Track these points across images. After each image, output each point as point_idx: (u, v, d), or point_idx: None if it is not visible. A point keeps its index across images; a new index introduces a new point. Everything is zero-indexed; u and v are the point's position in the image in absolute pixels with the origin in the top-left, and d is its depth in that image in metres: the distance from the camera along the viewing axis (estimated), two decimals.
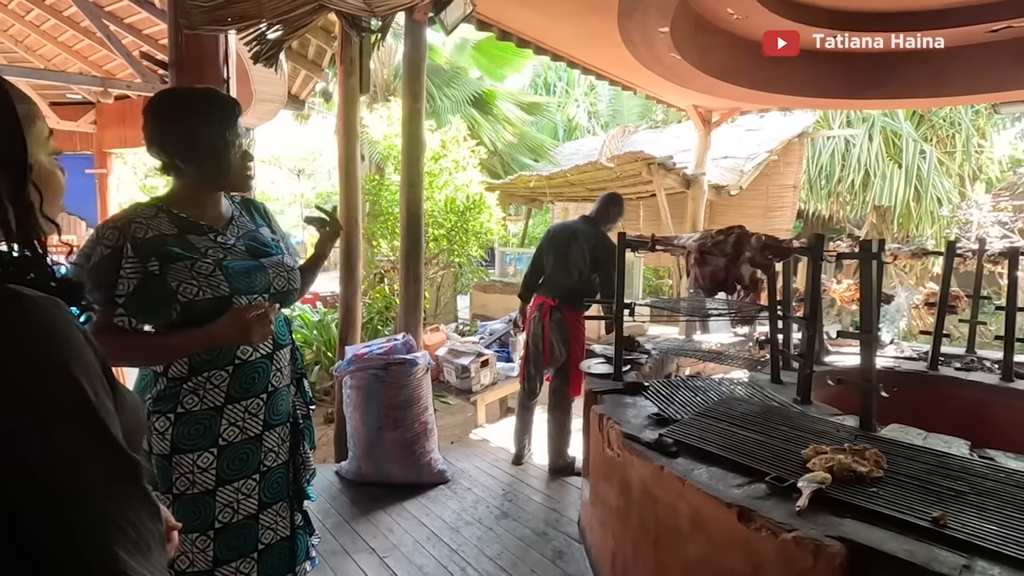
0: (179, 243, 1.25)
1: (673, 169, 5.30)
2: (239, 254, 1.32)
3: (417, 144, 3.21)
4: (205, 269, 1.24)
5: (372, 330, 4.93)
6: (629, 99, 11.21)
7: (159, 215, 1.27)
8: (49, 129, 0.68)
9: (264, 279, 1.33)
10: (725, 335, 3.78)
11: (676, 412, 2.00)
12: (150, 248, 1.21)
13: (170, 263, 1.22)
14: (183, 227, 1.28)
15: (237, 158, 1.31)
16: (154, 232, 1.24)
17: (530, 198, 7.82)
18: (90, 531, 0.49)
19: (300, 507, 1.46)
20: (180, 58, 2.90)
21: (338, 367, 2.82)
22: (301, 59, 5.61)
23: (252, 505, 1.33)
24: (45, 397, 0.50)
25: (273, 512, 1.38)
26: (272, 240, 1.42)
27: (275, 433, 1.38)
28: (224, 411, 1.29)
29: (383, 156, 5.40)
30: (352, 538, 2.40)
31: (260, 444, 1.35)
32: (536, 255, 3.26)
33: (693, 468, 1.58)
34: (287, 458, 1.42)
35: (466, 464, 3.17)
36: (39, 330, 0.51)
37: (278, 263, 1.38)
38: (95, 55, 7.64)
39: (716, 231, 2.23)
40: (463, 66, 9.00)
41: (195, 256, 1.24)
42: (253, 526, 1.34)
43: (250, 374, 1.32)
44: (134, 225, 1.23)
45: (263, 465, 1.35)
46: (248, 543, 1.33)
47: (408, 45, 3.18)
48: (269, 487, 1.37)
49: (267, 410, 1.36)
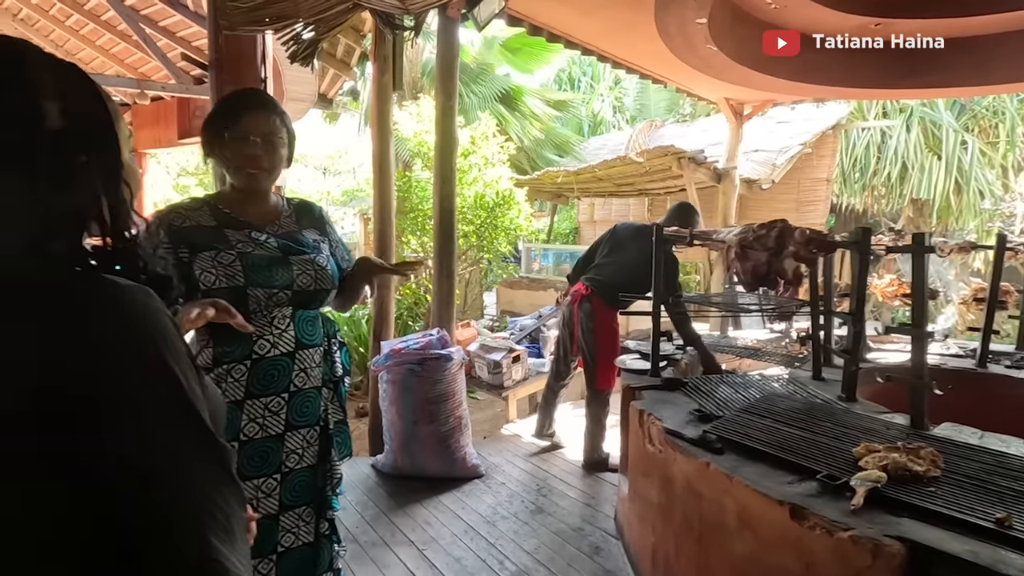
0: (212, 234, 1.30)
1: (704, 163, 5.23)
2: (269, 250, 1.34)
3: (450, 140, 3.23)
4: (226, 259, 1.28)
5: (402, 325, 4.97)
6: (656, 93, 11.07)
7: (203, 208, 1.34)
8: (129, 129, 0.70)
9: (287, 275, 1.34)
10: (759, 331, 3.72)
11: (717, 408, 1.97)
12: (183, 236, 1.28)
13: (198, 252, 1.27)
14: (222, 221, 1.34)
15: (243, 158, 1.33)
16: (192, 223, 1.30)
17: (556, 194, 7.79)
18: (185, 518, 0.50)
19: (325, 515, 1.44)
20: (219, 58, 2.95)
21: (375, 361, 2.85)
22: (330, 58, 5.67)
23: (272, 505, 1.33)
24: (141, 385, 0.51)
25: (295, 516, 1.37)
26: (313, 241, 1.42)
27: (299, 435, 1.37)
28: (244, 406, 1.31)
29: (413, 153, 5.44)
30: (391, 530, 2.44)
31: (282, 444, 1.34)
32: (593, 244, 3.30)
33: (739, 465, 1.56)
34: (313, 462, 1.40)
35: (499, 459, 3.18)
36: (135, 319, 0.53)
37: (307, 261, 1.37)
38: (131, 58, 7.85)
39: (758, 225, 2.19)
40: (490, 63, 9.01)
41: (221, 247, 1.28)
42: (273, 527, 1.34)
43: (268, 371, 1.33)
44: (173, 214, 1.31)
45: (284, 466, 1.35)
46: (267, 543, 1.33)
47: (441, 42, 3.19)
48: (291, 489, 1.36)
49: (290, 410, 1.35)
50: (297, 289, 1.35)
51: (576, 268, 3.31)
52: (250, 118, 1.32)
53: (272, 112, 1.36)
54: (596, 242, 3.29)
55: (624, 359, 2.68)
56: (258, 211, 1.38)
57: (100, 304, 0.52)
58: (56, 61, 0.58)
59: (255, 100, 1.37)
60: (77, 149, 0.56)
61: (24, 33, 7.45)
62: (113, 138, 0.60)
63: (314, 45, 3.06)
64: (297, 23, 3.01)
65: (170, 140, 8.75)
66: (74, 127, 0.56)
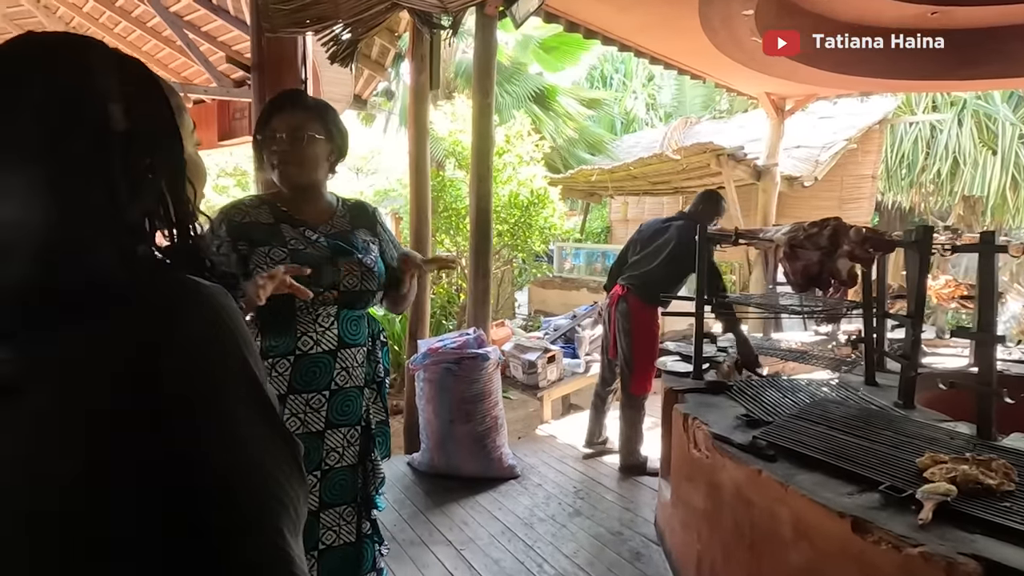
0: (269, 231, 1.34)
1: (743, 160, 5.09)
2: (320, 249, 1.35)
3: (487, 139, 3.22)
4: (277, 256, 1.31)
5: (436, 324, 5.00)
6: (692, 89, 10.86)
7: (262, 206, 1.39)
8: (193, 122, 0.70)
9: (333, 275, 1.35)
10: (802, 333, 3.61)
11: (766, 413, 1.91)
12: (242, 231, 1.33)
13: (255, 247, 1.32)
14: (279, 218, 1.38)
15: (272, 156, 1.36)
16: (251, 219, 1.36)
17: (589, 192, 7.71)
18: (264, 515, 0.50)
19: (368, 515, 1.44)
20: (261, 60, 3.01)
21: (413, 360, 2.86)
22: (365, 59, 5.72)
23: (312, 502, 1.34)
24: (228, 384, 0.51)
25: (335, 514, 1.38)
26: (363, 242, 1.43)
27: (339, 433, 1.38)
28: (287, 401, 1.33)
29: (447, 152, 5.46)
30: (428, 529, 2.44)
31: (322, 442, 1.35)
32: (625, 245, 3.26)
33: (793, 473, 1.49)
34: (354, 462, 1.41)
35: (534, 460, 3.16)
36: (218, 318, 0.53)
37: (354, 262, 1.38)
38: (174, 63, 8.11)
39: (809, 223, 2.11)
40: (523, 62, 8.98)
41: (275, 243, 1.32)
42: (313, 524, 1.34)
43: (310, 368, 1.34)
44: (235, 210, 1.37)
45: (325, 464, 1.36)
46: (308, 540, 1.33)
47: (478, 41, 3.18)
48: (331, 487, 1.37)
49: (330, 408, 1.36)
50: (343, 289, 1.36)
51: (611, 272, 3.27)
52: (278, 117, 1.35)
53: (300, 108, 1.37)
54: (627, 243, 3.25)
55: (665, 361, 2.63)
56: (312, 210, 1.41)
57: (185, 304, 0.52)
58: (120, 58, 0.58)
59: (286, 100, 1.39)
60: (142, 151, 0.56)
61: None
62: (176, 136, 0.60)
63: (353, 45, 3.09)
64: (337, 24, 3.05)
65: (210, 142, 9.01)
66: (139, 129, 0.56)
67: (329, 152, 1.41)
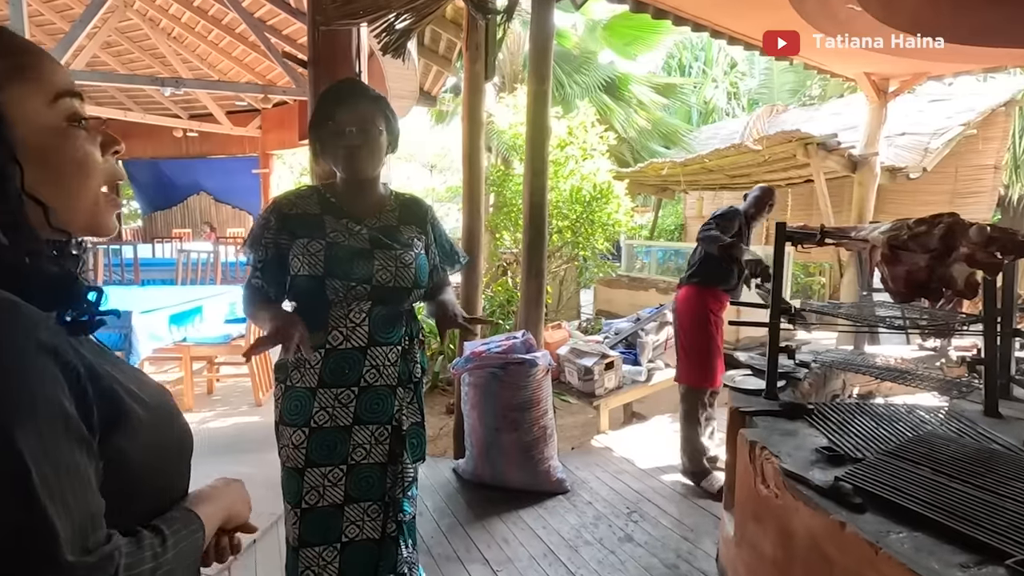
0: (313, 222, 1.34)
1: (836, 150, 4.56)
2: (359, 241, 1.33)
3: (542, 129, 3.02)
4: (314, 248, 1.30)
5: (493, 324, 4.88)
6: (781, 75, 10.08)
7: (312, 196, 1.39)
8: (70, 91, 0.53)
9: (366, 268, 1.32)
10: (902, 347, 3.14)
11: (854, 448, 1.59)
12: (289, 223, 1.34)
13: (296, 238, 1.32)
14: (326, 208, 1.37)
15: (339, 149, 1.34)
16: (299, 210, 1.36)
17: (661, 187, 7.30)
18: None
19: (394, 516, 1.41)
20: (316, 54, 2.98)
21: (455, 364, 2.74)
22: (432, 54, 5.70)
23: (338, 495, 1.35)
24: None
25: (360, 509, 1.38)
26: (407, 238, 1.39)
27: (367, 430, 1.37)
28: (317, 394, 1.33)
29: (509, 146, 5.31)
30: (466, 544, 2.30)
31: (349, 436, 1.35)
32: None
33: (888, 530, 1.20)
34: (382, 460, 1.39)
35: (586, 474, 2.94)
36: None
37: (391, 256, 1.34)
38: (260, 66, 8.53)
39: (914, 220, 1.75)
40: (593, 50, 8.65)
41: (315, 235, 1.31)
42: (337, 516, 1.36)
43: (340, 363, 1.34)
44: (286, 201, 1.38)
45: (351, 458, 1.36)
46: (332, 532, 1.36)
47: (534, 24, 2.99)
48: (357, 483, 1.37)
49: (358, 404, 1.35)
50: (376, 284, 1.33)
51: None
52: (343, 109, 1.32)
53: (363, 99, 1.34)
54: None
55: (733, 375, 2.33)
56: (363, 202, 1.40)
57: None
58: None
59: (346, 91, 1.36)
60: None
61: (176, 49, 8.39)
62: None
63: (405, 35, 3.00)
64: (390, 14, 2.97)
65: (292, 141, 9.46)
66: None
67: (387, 144, 1.40)
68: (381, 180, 1.46)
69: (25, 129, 0.49)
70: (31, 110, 0.50)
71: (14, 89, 0.49)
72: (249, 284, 1.38)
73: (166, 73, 8.36)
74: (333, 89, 1.38)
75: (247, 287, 1.38)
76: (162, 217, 11.35)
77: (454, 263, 1.55)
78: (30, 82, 0.51)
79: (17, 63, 0.50)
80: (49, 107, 0.52)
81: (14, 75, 0.49)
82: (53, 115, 0.52)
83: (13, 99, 0.49)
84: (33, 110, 0.50)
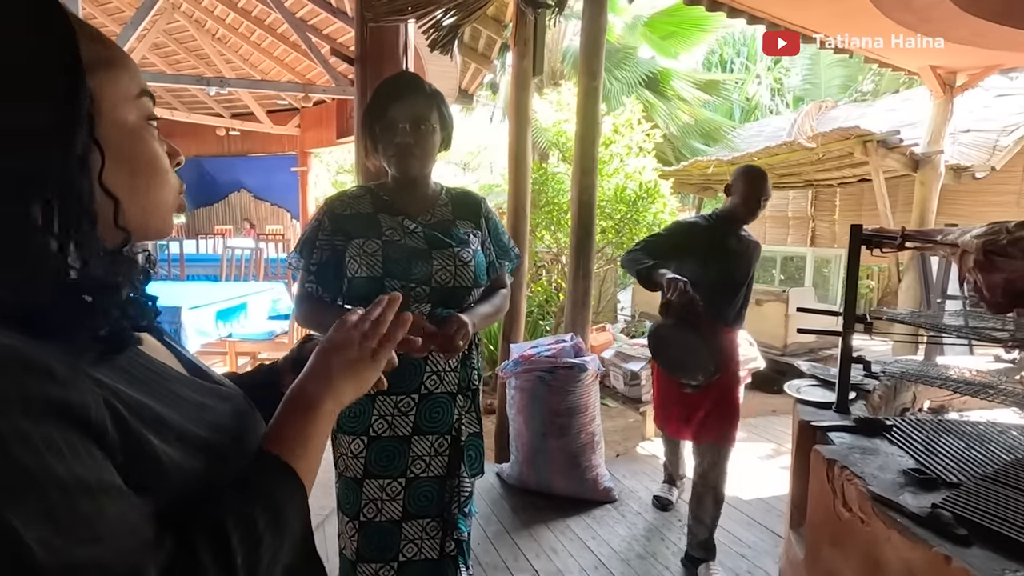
0: (367, 222, 1.29)
1: (897, 147, 4.32)
2: (415, 239, 1.28)
3: (593, 126, 2.94)
4: (371, 249, 1.25)
5: (532, 324, 4.80)
6: (829, 70, 9.70)
7: (365, 196, 1.34)
8: (146, 90, 0.51)
9: (425, 268, 1.26)
10: (969, 359, 2.95)
11: (946, 470, 1.46)
12: (342, 224, 1.29)
13: (351, 239, 1.27)
14: (379, 207, 1.32)
15: (391, 147, 1.28)
16: (352, 210, 1.31)
17: (703, 187, 7.10)
18: None
19: (452, 534, 1.34)
20: (364, 52, 2.97)
21: (503, 367, 2.68)
22: (471, 52, 5.65)
23: (396, 510, 1.29)
24: None
25: (418, 527, 1.31)
26: (463, 235, 1.33)
27: (427, 441, 1.31)
28: (375, 402, 1.28)
29: (550, 143, 5.22)
30: (514, 553, 2.24)
31: (408, 447, 1.29)
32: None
33: (1002, 568, 1.08)
34: (441, 473, 1.32)
35: (634, 483, 2.85)
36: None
37: (450, 255, 1.29)
38: (300, 66, 8.66)
39: (1016, 223, 1.60)
40: (633, 46, 8.48)
41: (371, 235, 1.27)
42: (395, 532, 1.30)
43: (400, 368, 1.24)
44: (338, 202, 1.33)
45: (410, 471, 1.30)
46: (389, 549, 1.29)
47: (586, 17, 2.90)
48: (415, 497, 1.30)
49: (418, 413, 1.29)
50: (435, 285, 1.27)
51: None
52: (397, 105, 1.27)
53: (419, 95, 1.28)
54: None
55: (796, 385, 2.20)
56: (415, 199, 1.35)
57: None
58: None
59: (402, 86, 1.30)
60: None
61: (220, 50, 8.58)
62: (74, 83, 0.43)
63: (454, 31, 2.96)
64: (437, 10, 2.93)
65: (330, 140, 9.58)
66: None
67: (445, 138, 1.36)
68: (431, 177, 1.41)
69: (108, 120, 0.46)
70: (117, 102, 0.48)
71: (103, 77, 0.46)
72: (303, 292, 1.33)
73: (210, 73, 8.56)
74: (388, 84, 1.33)
75: (300, 295, 1.33)
76: (204, 214, 11.66)
77: (511, 259, 1.47)
78: (119, 73, 0.49)
79: (106, 54, 0.48)
80: (132, 102, 0.49)
81: (103, 64, 0.47)
82: (135, 111, 0.50)
83: (102, 87, 0.46)
84: (119, 102, 0.48)
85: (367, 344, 0.62)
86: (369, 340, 0.62)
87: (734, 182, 2.17)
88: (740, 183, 2.15)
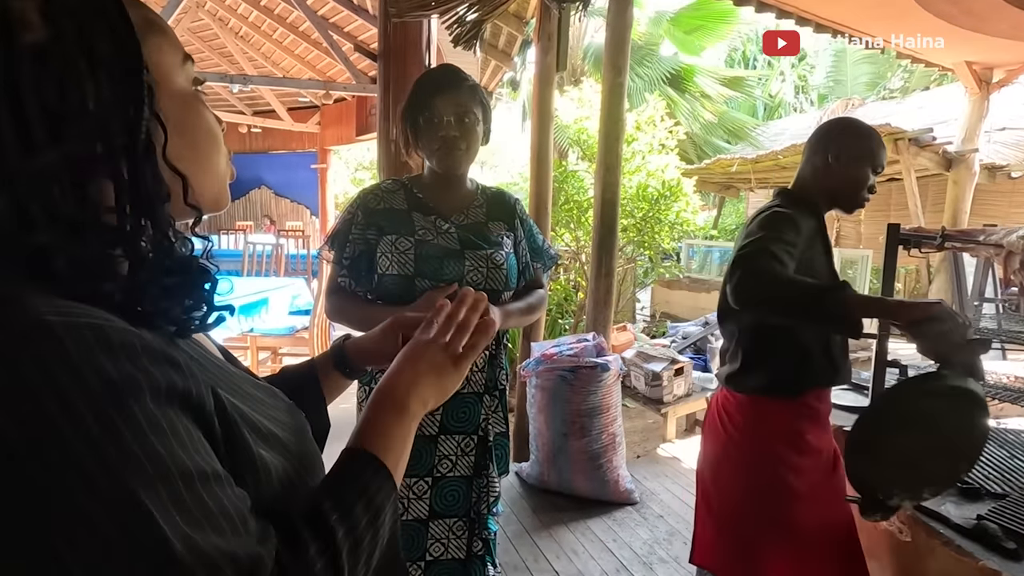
0: (401, 218, 1.27)
1: (929, 145, 4.20)
2: (448, 239, 1.26)
3: (617, 123, 2.89)
4: (403, 246, 1.23)
5: (551, 323, 4.76)
6: (855, 67, 9.48)
7: (399, 191, 1.31)
8: (187, 55, 0.47)
9: (457, 269, 1.24)
10: (1008, 363, 2.85)
11: (990, 480, 1.41)
12: (375, 218, 1.27)
13: (383, 235, 1.25)
14: (413, 204, 1.29)
15: (434, 141, 1.24)
16: (385, 205, 1.29)
17: (725, 185, 7.00)
18: None
19: (479, 533, 1.33)
20: (387, 47, 2.95)
21: (525, 365, 2.65)
22: (492, 49, 5.62)
23: (422, 509, 1.28)
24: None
25: (445, 526, 1.30)
26: (496, 236, 1.31)
27: (453, 440, 1.29)
28: None
29: (571, 141, 5.17)
30: (534, 554, 2.21)
31: (435, 447, 1.28)
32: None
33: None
34: (468, 473, 1.30)
35: (655, 484, 2.80)
36: (18, 360, 0.31)
37: (482, 257, 1.26)
38: (321, 63, 8.72)
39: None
40: (655, 42, 8.38)
41: (403, 232, 1.25)
42: (422, 531, 1.29)
43: None
44: (372, 195, 1.30)
45: (436, 471, 1.28)
46: (415, 548, 1.28)
47: (612, 11, 2.86)
48: (442, 497, 1.29)
49: (445, 412, 1.27)
50: (466, 286, 1.22)
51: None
52: (440, 98, 1.24)
53: (462, 87, 1.25)
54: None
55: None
56: (450, 198, 1.32)
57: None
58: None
59: (444, 80, 1.26)
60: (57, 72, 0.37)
61: (243, 48, 8.68)
62: (129, 54, 0.40)
63: (477, 27, 2.94)
64: (460, 6, 2.91)
65: (349, 137, 9.63)
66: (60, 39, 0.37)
67: (485, 131, 1.33)
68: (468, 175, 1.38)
69: (164, 92, 0.43)
70: (169, 67, 0.44)
71: (152, 41, 0.43)
72: (335, 285, 1.30)
73: (233, 71, 8.65)
74: (430, 76, 1.30)
75: (332, 288, 1.30)
76: (226, 210, 11.76)
77: (546, 261, 1.43)
78: (164, 37, 0.45)
79: (149, 16, 0.44)
80: (181, 67, 0.46)
81: (150, 27, 0.43)
82: (184, 77, 0.46)
83: (152, 52, 0.42)
84: (170, 68, 0.44)
85: (452, 348, 0.59)
86: (454, 344, 0.59)
87: (820, 137, 1.48)
88: (832, 140, 1.46)
